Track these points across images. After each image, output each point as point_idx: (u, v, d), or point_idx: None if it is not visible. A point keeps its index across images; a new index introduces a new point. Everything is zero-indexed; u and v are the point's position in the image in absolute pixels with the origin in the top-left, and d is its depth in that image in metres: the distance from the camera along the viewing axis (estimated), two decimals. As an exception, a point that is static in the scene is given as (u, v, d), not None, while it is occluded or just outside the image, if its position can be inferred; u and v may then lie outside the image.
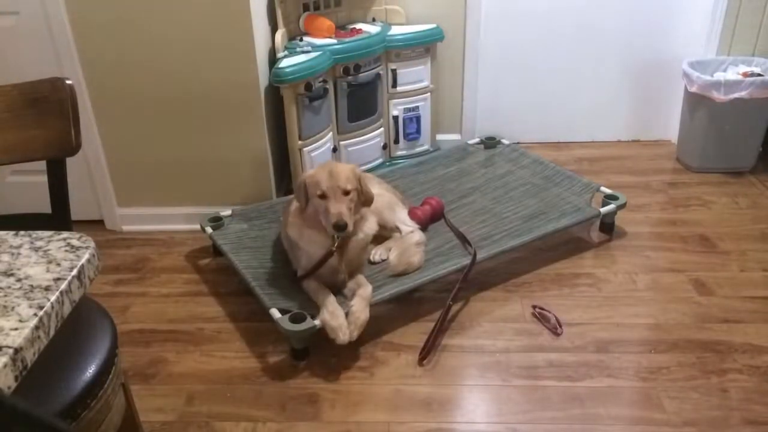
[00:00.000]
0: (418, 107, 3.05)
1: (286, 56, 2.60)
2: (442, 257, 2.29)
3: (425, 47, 2.96)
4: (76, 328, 1.16)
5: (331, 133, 2.82)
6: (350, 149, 2.91)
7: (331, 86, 2.75)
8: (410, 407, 1.83)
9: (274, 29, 2.70)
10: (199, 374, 1.99)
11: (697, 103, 2.95)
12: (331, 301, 2.00)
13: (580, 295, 2.26)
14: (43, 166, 1.39)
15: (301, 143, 2.67)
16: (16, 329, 0.73)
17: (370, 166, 2.99)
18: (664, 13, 3.14)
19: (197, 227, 2.59)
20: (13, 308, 0.76)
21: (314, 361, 2.01)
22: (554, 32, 3.19)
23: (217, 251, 2.49)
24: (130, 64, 2.48)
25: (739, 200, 2.82)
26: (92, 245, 0.90)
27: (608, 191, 2.61)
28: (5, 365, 0.68)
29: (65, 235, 0.92)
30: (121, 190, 2.74)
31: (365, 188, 2.07)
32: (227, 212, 2.59)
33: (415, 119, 3.06)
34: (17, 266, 0.85)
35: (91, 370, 1.08)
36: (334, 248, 2.03)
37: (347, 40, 2.74)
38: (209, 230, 2.49)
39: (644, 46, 3.21)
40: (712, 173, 3.03)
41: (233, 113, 2.56)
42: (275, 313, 1.99)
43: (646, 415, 1.77)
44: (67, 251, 0.88)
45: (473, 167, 2.96)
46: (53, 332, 0.78)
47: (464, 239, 2.37)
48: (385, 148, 3.07)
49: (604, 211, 2.52)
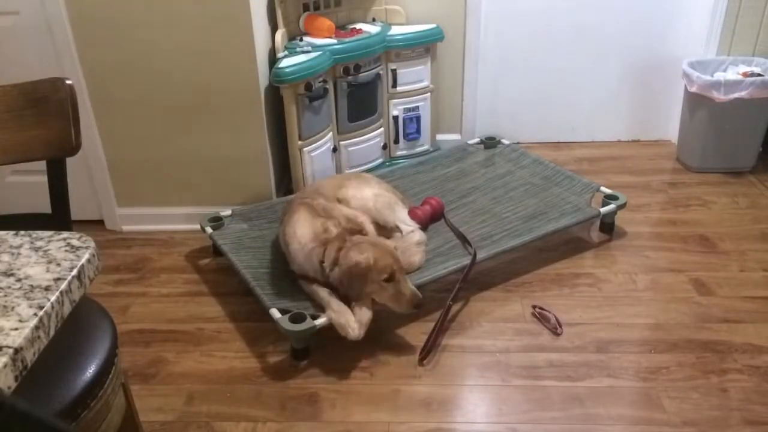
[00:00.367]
0: (418, 107, 3.05)
1: (286, 56, 2.60)
2: (442, 257, 2.29)
3: (425, 47, 2.96)
4: (76, 328, 1.16)
5: (331, 133, 2.82)
6: (350, 149, 2.91)
7: (331, 86, 2.75)
8: (410, 407, 1.83)
9: (274, 29, 2.70)
10: (199, 374, 1.99)
11: (697, 103, 2.95)
12: (334, 299, 2.00)
13: (580, 295, 2.26)
14: (43, 166, 1.38)
15: (301, 143, 2.67)
16: (16, 329, 0.73)
17: (370, 166, 2.99)
18: (664, 13, 3.14)
19: (197, 227, 2.59)
20: (13, 308, 0.76)
21: (314, 361, 2.01)
22: (554, 32, 3.20)
23: (217, 251, 2.49)
24: (130, 64, 2.48)
25: (739, 200, 2.82)
26: (92, 245, 0.90)
27: (608, 191, 2.61)
28: (5, 365, 0.68)
29: (65, 235, 0.92)
30: (121, 190, 2.74)
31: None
32: (227, 212, 2.59)
33: (415, 119, 3.06)
34: (17, 266, 0.85)
35: (91, 370, 1.07)
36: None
37: (347, 40, 2.74)
38: (209, 230, 2.49)
39: (644, 46, 3.21)
40: (712, 173, 3.03)
41: (233, 113, 2.56)
42: (275, 313, 1.99)
43: (646, 415, 1.77)
44: (67, 251, 0.88)
45: (473, 167, 2.95)
46: (53, 332, 0.78)
47: (464, 239, 2.37)
48: (385, 148, 3.07)
49: (604, 211, 2.52)
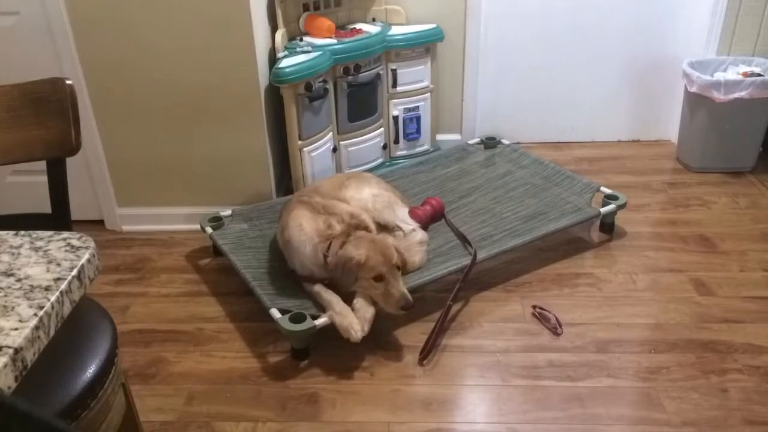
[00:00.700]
0: (418, 107, 3.05)
1: (286, 56, 2.60)
2: (442, 257, 2.29)
3: (425, 47, 2.95)
4: (76, 328, 1.16)
5: (331, 133, 2.82)
6: (350, 149, 2.91)
7: (331, 86, 2.74)
8: (410, 407, 1.83)
9: (274, 29, 2.70)
10: (199, 374, 1.99)
11: (697, 103, 2.95)
12: (337, 301, 2.00)
13: (580, 295, 2.26)
14: (43, 166, 1.38)
15: (301, 143, 2.67)
16: (16, 329, 0.73)
17: (370, 166, 2.99)
18: (664, 13, 3.13)
19: (197, 227, 2.58)
20: (13, 308, 0.76)
21: (314, 361, 2.01)
22: (554, 32, 3.19)
23: (217, 251, 2.49)
24: (130, 64, 2.48)
25: (739, 200, 2.82)
26: (92, 245, 0.90)
27: (608, 191, 2.61)
28: (5, 365, 0.68)
29: (65, 235, 0.92)
30: (121, 190, 2.74)
31: (403, 254, 2.09)
32: (227, 212, 2.59)
33: (415, 119, 3.06)
34: (17, 266, 0.85)
35: (91, 370, 1.07)
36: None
37: (347, 40, 2.74)
38: (209, 230, 2.49)
39: (644, 46, 3.21)
40: (712, 173, 3.03)
41: (233, 113, 2.56)
42: (275, 313, 1.99)
43: (646, 415, 1.77)
44: (67, 251, 0.88)
45: (473, 167, 2.95)
46: (53, 332, 0.78)
47: (464, 239, 2.37)
48: (385, 148, 3.07)
49: (604, 211, 2.52)
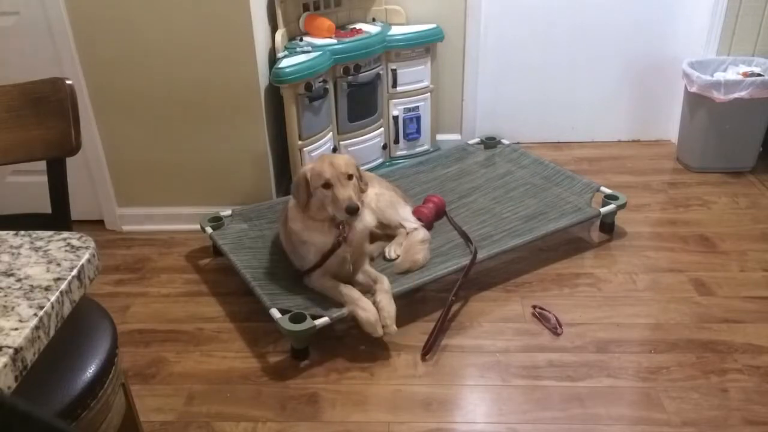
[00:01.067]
0: (418, 107, 3.05)
1: (286, 56, 2.60)
2: (442, 257, 2.29)
3: (425, 47, 2.96)
4: (76, 328, 1.16)
5: (331, 133, 2.82)
6: (350, 149, 2.91)
7: (331, 86, 2.75)
8: (410, 407, 1.83)
9: (274, 29, 2.70)
10: (199, 374, 1.99)
11: (697, 103, 2.95)
12: (359, 296, 2.01)
13: (580, 295, 2.26)
14: (43, 166, 1.39)
15: (301, 143, 2.67)
16: (16, 329, 0.73)
17: (370, 166, 2.99)
18: (664, 13, 3.14)
19: (197, 227, 2.58)
20: (13, 308, 0.76)
21: (314, 361, 2.01)
22: (554, 32, 3.19)
23: (217, 251, 2.49)
24: (130, 64, 2.48)
25: (739, 200, 2.82)
26: (92, 245, 0.90)
27: (608, 191, 2.60)
28: (5, 365, 0.68)
29: (65, 235, 0.92)
30: (121, 190, 2.74)
31: (362, 174, 2.14)
32: (227, 212, 2.59)
33: (415, 119, 3.06)
34: (17, 266, 0.85)
35: (91, 370, 1.07)
36: (344, 235, 2.05)
37: (347, 40, 2.74)
38: (209, 230, 2.49)
39: (644, 46, 3.21)
40: (712, 173, 3.03)
41: (233, 113, 2.56)
42: (275, 313, 1.99)
43: (646, 415, 1.77)
44: (67, 251, 0.88)
45: (473, 167, 2.95)
46: (53, 332, 0.78)
47: (466, 236, 2.37)
48: (385, 148, 3.07)
49: (604, 211, 2.52)
